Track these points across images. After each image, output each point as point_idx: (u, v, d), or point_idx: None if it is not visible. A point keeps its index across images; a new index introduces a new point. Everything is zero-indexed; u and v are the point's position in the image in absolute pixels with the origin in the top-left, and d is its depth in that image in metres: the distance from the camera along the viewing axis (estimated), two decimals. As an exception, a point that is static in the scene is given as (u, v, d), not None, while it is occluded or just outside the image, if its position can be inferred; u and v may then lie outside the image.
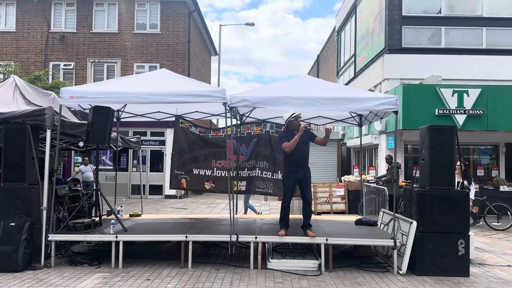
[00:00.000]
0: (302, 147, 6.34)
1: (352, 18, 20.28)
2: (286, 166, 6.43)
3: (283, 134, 6.45)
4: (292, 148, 6.22)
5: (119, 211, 7.82)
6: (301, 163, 6.34)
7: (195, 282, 5.43)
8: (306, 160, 6.43)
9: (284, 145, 6.26)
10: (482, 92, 12.61)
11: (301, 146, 6.30)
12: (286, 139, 6.28)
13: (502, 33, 15.06)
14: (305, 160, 6.42)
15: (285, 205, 6.38)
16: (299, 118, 6.44)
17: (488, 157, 14.94)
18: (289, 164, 6.36)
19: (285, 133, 6.45)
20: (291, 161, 6.32)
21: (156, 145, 18.73)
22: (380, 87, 15.54)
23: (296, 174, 6.30)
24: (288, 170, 6.36)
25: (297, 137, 6.20)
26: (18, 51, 19.11)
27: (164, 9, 19.23)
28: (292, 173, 6.31)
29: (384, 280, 5.63)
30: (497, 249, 7.88)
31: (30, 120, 6.19)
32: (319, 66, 31.13)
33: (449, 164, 6.09)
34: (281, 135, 6.47)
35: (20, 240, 5.81)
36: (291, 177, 6.32)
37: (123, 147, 9.40)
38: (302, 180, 6.34)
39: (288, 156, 6.32)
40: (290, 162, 6.34)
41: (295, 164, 6.31)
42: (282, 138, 6.37)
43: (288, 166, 6.38)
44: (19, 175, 6.10)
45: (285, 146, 6.25)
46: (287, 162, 6.38)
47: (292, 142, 6.20)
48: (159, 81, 6.70)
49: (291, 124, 6.40)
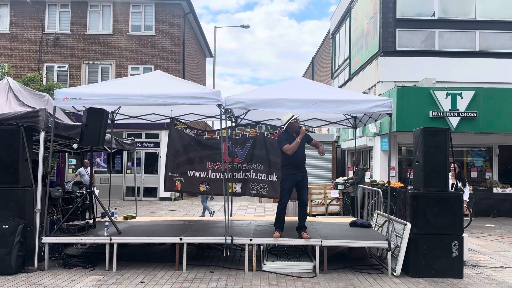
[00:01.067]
0: (301, 150, 6.34)
1: (346, 20, 20.36)
2: (284, 169, 6.39)
3: (283, 137, 6.38)
4: (294, 150, 6.20)
5: (113, 214, 7.78)
6: (300, 165, 6.34)
7: (190, 285, 5.41)
8: (304, 163, 6.44)
9: (286, 148, 6.22)
10: (475, 94, 12.70)
11: (301, 148, 6.30)
12: (287, 142, 6.25)
13: (495, 36, 15.19)
14: (304, 163, 6.43)
15: (281, 207, 6.36)
16: (297, 121, 6.43)
17: (481, 159, 15.04)
18: (288, 166, 6.33)
19: (285, 136, 6.39)
20: (290, 163, 6.29)
21: (151, 147, 18.67)
22: (375, 89, 15.61)
23: (295, 176, 6.29)
24: (287, 172, 6.33)
25: (299, 139, 6.20)
26: (12, 53, 18.99)
27: (159, 10, 19.20)
28: (291, 175, 6.30)
29: (379, 282, 5.65)
30: (490, 251, 7.93)
31: (23, 122, 6.15)
32: (314, 68, 31.22)
33: (443, 166, 6.12)
34: (281, 138, 6.40)
35: (13, 243, 5.77)
36: (290, 179, 6.30)
37: (118, 149, 9.36)
38: (300, 182, 6.34)
39: (288, 159, 6.29)
40: (289, 164, 6.31)
41: (294, 166, 6.29)
42: (283, 140, 6.32)
43: (287, 168, 6.34)
44: (13, 177, 6.06)
45: (287, 148, 6.22)
46: (286, 165, 6.34)
47: (294, 144, 6.19)
48: (154, 83, 6.68)
49: (291, 127, 6.37)
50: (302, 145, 6.33)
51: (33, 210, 6.08)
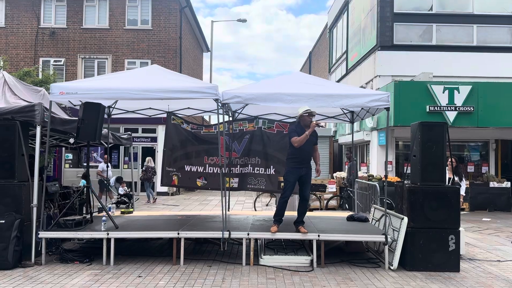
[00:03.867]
0: (309, 145, 6.32)
1: (344, 14, 20.31)
2: (290, 161, 6.37)
3: (294, 128, 6.37)
4: (302, 143, 6.17)
5: (110, 208, 7.77)
6: (305, 160, 6.32)
7: (187, 279, 5.42)
8: (310, 158, 6.42)
9: (294, 140, 6.19)
10: (472, 89, 12.72)
11: (308, 143, 6.28)
12: (296, 134, 6.22)
13: (493, 30, 15.20)
14: (310, 158, 6.41)
15: (283, 200, 6.35)
16: (312, 116, 6.34)
17: (478, 154, 15.08)
18: (293, 160, 6.32)
19: (295, 128, 6.36)
20: (296, 157, 6.28)
21: (148, 141, 18.63)
22: (372, 84, 15.61)
23: (299, 170, 6.29)
24: (292, 165, 6.32)
25: (308, 133, 6.15)
26: (7, 47, 18.86)
27: (155, 4, 19.08)
28: (295, 169, 6.29)
29: (376, 276, 5.67)
30: (487, 245, 7.97)
31: (19, 117, 6.12)
32: (311, 63, 31.18)
33: (440, 160, 6.13)
34: (292, 129, 6.39)
35: (10, 238, 5.75)
36: (294, 173, 6.30)
37: (114, 144, 9.33)
38: (303, 177, 6.33)
39: (294, 152, 6.28)
40: (295, 158, 6.29)
41: (300, 160, 6.28)
42: (292, 132, 6.30)
43: (292, 161, 6.33)
44: (9, 172, 6.04)
45: (294, 140, 6.19)
46: (292, 158, 6.33)
47: (302, 138, 6.14)
48: (151, 77, 6.64)
49: (303, 120, 6.33)
50: (310, 142, 6.29)
51: (29, 205, 6.06)
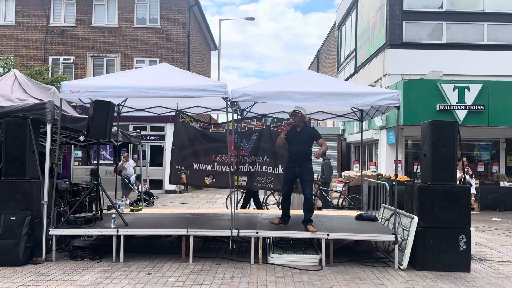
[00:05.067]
0: (298, 145, 6.43)
1: (353, 12, 20.21)
2: (287, 161, 6.78)
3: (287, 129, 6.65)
4: (278, 144, 6.75)
5: (119, 206, 7.81)
6: (295, 159, 6.47)
7: (196, 276, 5.43)
8: (303, 157, 6.43)
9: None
10: (483, 87, 12.59)
11: (297, 143, 6.44)
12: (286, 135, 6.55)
13: (504, 28, 15.03)
14: (301, 157, 6.44)
15: (282, 197, 6.78)
16: (293, 116, 6.51)
17: (488, 153, 14.94)
18: (288, 159, 6.69)
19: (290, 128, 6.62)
20: (289, 156, 6.64)
21: (156, 140, 18.70)
22: (381, 82, 15.52)
23: (293, 169, 6.50)
24: (287, 165, 6.70)
25: (283, 134, 6.55)
26: (17, 45, 19.02)
27: (164, 3, 19.12)
28: (289, 168, 6.60)
29: (385, 275, 5.64)
30: (497, 245, 7.89)
31: (30, 114, 6.16)
32: (320, 61, 31.07)
33: (451, 159, 6.07)
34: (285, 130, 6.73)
35: (21, 234, 5.81)
36: (288, 172, 6.63)
37: (123, 142, 9.38)
38: (299, 176, 6.49)
39: (288, 151, 6.65)
40: (289, 157, 6.68)
41: (291, 160, 6.56)
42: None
43: (288, 161, 6.72)
44: (20, 169, 6.09)
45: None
46: (288, 158, 6.72)
47: (278, 139, 6.71)
48: (160, 75, 6.66)
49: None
50: (301, 140, 6.42)
51: (40, 202, 6.10)
